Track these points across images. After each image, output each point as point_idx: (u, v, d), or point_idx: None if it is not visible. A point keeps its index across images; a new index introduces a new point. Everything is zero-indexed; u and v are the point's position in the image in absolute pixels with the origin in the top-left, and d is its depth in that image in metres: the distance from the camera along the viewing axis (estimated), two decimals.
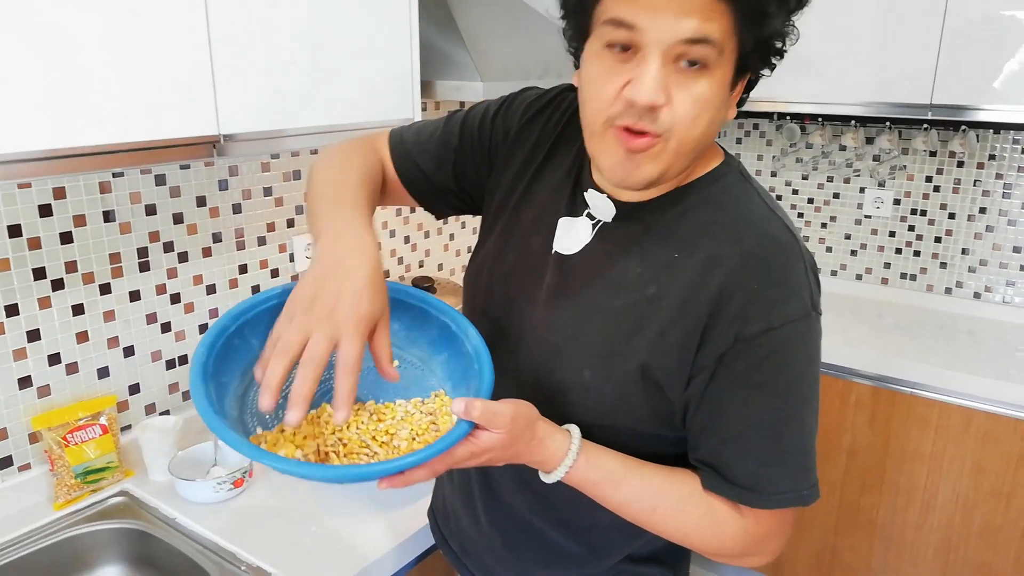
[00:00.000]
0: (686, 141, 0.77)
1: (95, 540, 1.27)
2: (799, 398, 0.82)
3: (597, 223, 0.89)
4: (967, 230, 2.43)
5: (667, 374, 0.83)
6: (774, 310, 0.79)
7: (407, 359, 0.92)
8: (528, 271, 0.94)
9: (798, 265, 0.81)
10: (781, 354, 0.80)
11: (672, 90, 0.74)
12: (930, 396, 2.03)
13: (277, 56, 1.20)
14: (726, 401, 0.82)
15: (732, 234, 0.82)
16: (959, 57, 2.03)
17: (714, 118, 0.77)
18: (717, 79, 0.75)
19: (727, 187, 0.85)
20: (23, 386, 1.31)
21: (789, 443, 0.83)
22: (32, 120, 0.94)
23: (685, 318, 0.81)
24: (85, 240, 1.35)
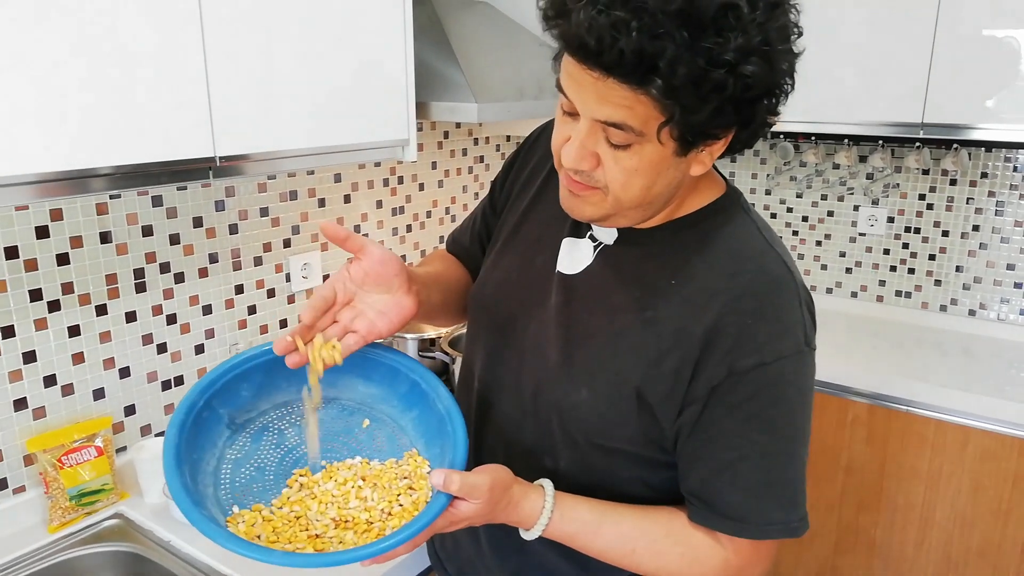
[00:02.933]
0: (623, 201, 0.79)
1: (90, 563, 1.26)
2: (790, 432, 0.84)
3: (599, 245, 0.91)
4: (961, 248, 2.44)
5: (659, 399, 0.84)
6: (767, 346, 0.80)
7: (378, 416, 0.92)
8: (531, 289, 0.95)
9: (793, 302, 0.82)
10: (774, 389, 0.81)
11: (602, 156, 0.77)
12: (926, 414, 2.03)
13: (273, 78, 1.21)
14: (718, 432, 0.83)
15: (728, 267, 0.83)
16: (950, 76, 2.05)
17: (656, 182, 0.78)
18: (647, 153, 0.75)
19: (727, 220, 0.87)
20: (18, 408, 1.31)
21: (779, 475, 0.84)
22: (29, 143, 0.94)
23: (679, 347, 0.82)
24: (82, 261, 1.35)
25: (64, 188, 0.99)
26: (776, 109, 0.77)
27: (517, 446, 0.96)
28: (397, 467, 0.87)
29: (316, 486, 0.85)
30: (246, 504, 0.82)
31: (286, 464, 0.87)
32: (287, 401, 0.90)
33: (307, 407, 0.88)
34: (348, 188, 1.80)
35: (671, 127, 0.72)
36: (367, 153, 1.43)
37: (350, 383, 0.91)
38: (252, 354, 0.87)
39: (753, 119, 0.75)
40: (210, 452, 0.84)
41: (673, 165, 0.78)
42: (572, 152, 0.77)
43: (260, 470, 0.86)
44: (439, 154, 2.03)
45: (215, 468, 0.83)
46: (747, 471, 0.83)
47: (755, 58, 0.69)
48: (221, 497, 0.81)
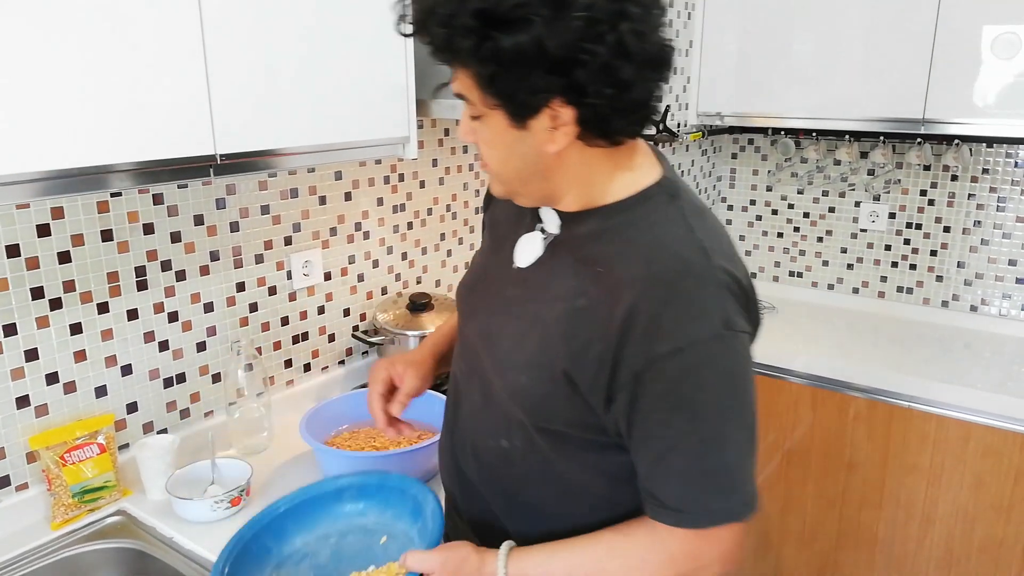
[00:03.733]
0: (499, 172, 0.90)
1: (93, 560, 1.27)
2: (718, 417, 0.84)
3: (548, 237, 0.95)
4: (962, 243, 2.44)
5: (587, 385, 0.87)
6: (679, 332, 0.81)
7: (394, 534, 1.11)
8: (491, 285, 1.02)
9: (706, 286, 0.83)
10: (693, 374, 0.82)
11: (477, 134, 0.88)
12: (928, 410, 2.04)
13: (273, 75, 1.21)
14: (647, 423, 0.85)
15: (644, 256, 0.85)
16: (951, 71, 2.05)
17: (510, 154, 0.86)
18: (491, 124, 0.84)
19: (652, 209, 0.89)
20: (21, 405, 1.31)
21: (713, 462, 0.85)
22: (30, 141, 0.95)
23: (602, 334, 0.85)
24: (83, 259, 1.35)
25: (65, 186, 1.00)
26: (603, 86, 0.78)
27: (480, 431, 1.03)
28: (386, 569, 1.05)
29: None
30: None
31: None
32: (326, 533, 1.14)
33: None
34: (349, 186, 1.81)
35: (486, 95, 0.81)
36: (368, 150, 1.43)
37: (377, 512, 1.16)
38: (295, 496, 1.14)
39: (571, 91, 0.78)
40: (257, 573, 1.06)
41: (518, 138, 0.84)
42: (460, 126, 0.90)
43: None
44: (440, 151, 2.03)
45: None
46: (679, 460, 0.84)
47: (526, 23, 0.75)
48: None
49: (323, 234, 1.77)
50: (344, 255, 1.83)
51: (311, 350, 1.80)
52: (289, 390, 1.76)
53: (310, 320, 1.78)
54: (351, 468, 1.34)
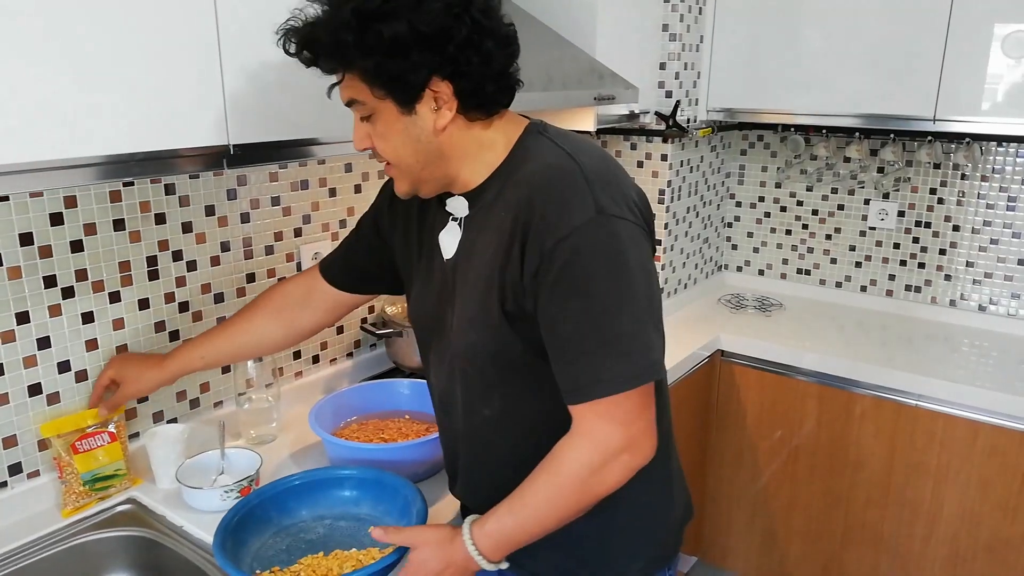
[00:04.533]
0: (400, 163, 1.00)
1: (102, 547, 1.28)
2: (609, 292, 0.91)
3: (459, 220, 1.06)
4: (971, 242, 2.43)
5: (518, 309, 0.97)
6: (559, 223, 0.91)
7: (381, 525, 1.18)
8: (437, 287, 1.10)
9: (575, 180, 0.94)
10: (577, 258, 0.91)
11: (372, 136, 0.99)
12: (935, 408, 2.03)
13: (286, 67, 1.21)
14: (549, 316, 0.94)
15: (527, 181, 0.97)
16: (963, 69, 2.04)
17: (408, 139, 0.97)
18: (384, 117, 0.96)
19: (526, 147, 1.01)
20: (33, 393, 1.32)
21: (606, 334, 0.91)
22: (44, 130, 0.95)
23: (510, 259, 0.95)
24: (95, 248, 1.36)
25: (82, 175, 1.00)
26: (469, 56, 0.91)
27: (467, 416, 1.10)
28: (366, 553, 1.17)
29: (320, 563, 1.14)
30: (267, 568, 1.14)
31: (303, 549, 1.20)
32: (322, 515, 1.27)
33: None
34: (359, 178, 1.81)
35: (374, 87, 0.92)
36: None
37: (370, 505, 1.28)
38: (302, 476, 1.29)
39: (445, 66, 0.91)
40: (256, 537, 1.20)
41: (410, 123, 0.96)
42: (354, 137, 1.01)
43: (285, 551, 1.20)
44: None
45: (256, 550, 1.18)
46: (577, 340, 0.92)
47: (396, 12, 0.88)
48: (252, 564, 1.15)
49: (333, 226, 1.77)
50: None
51: (320, 342, 1.80)
52: (298, 381, 1.77)
53: None
54: (359, 459, 1.35)
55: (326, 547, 1.19)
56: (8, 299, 1.26)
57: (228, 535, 1.13)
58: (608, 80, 1.82)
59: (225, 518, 1.15)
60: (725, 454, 2.43)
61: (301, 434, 1.58)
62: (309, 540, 1.22)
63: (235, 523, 1.16)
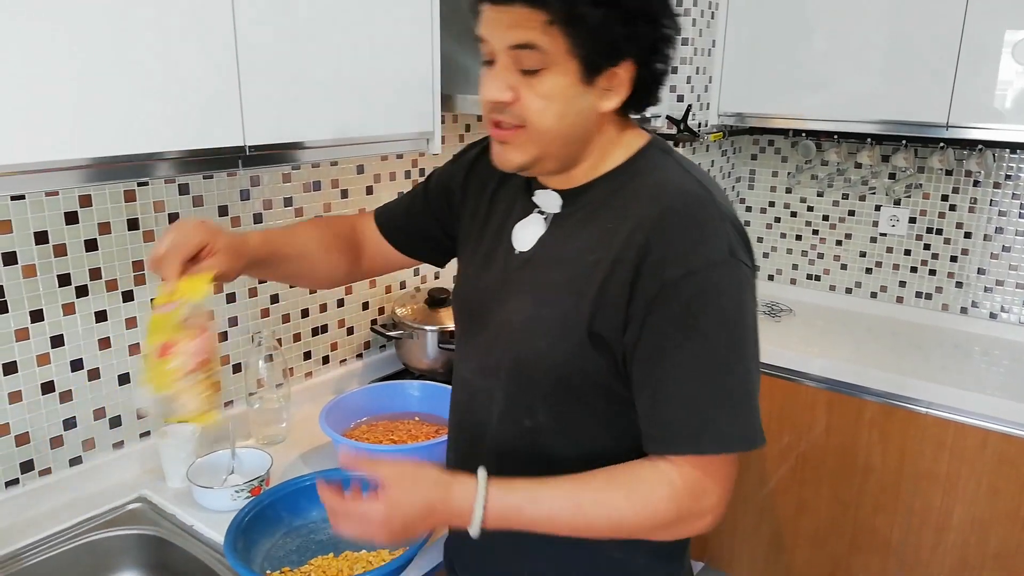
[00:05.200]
0: (545, 131, 0.87)
1: (113, 546, 1.28)
2: (726, 342, 0.84)
3: (548, 216, 0.98)
4: (983, 250, 2.42)
5: (607, 330, 0.88)
6: (692, 254, 0.84)
7: None
8: (495, 277, 1.02)
9: (712, 215, 0.87)
10: (705, 296, 0.84)
11: (520, 89, 0.86)
12: (945, 416, 2.02)
13: (301, 68, 1.22)
14: (655, 349, 0.85)
15: (653, 196, 0.89)
16: (977, 76, 2.03)
17: (569, 109, 0.86)
18: (556, 77, 0.84)
19: (649, 160, 0.94)
20: (46, 391, 1.32)
21: (718, 386, 0.84)
22: (61, 130, 0.96)
23: (617, 275, 0.87)
24: (109, 248, 1.36)
25: (99, 175, 1.00)
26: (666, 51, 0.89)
27: (502, 420, 1.00)
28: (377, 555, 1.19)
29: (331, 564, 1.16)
30: (277, 568, 1.16)
31: (313, 550, 1.21)
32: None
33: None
34: (370, 180, 1.81)
35: (572, 42, 0.82)
36: (392, 145, 1.44)
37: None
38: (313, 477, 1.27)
39: (646, 50, 0.86)
40: (267, 538, 1.20)
41: (580, 94, 0.86)
42: (489, 85, 0.87)
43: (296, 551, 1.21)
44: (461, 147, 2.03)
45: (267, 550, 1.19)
46: (686, 383, 0.84)
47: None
48: (263, 564, 1.16)
49: None
50: None
51: (330, 343, 1.81)
52: (308, 382, 1.77)
53: (329, 313, 1.79)
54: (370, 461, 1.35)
55: (336, 548, 1.20)
56: (23, 297, 1.27)
57: (239, 535, 1.13)
58: None
59: (236, 518, 1.15)
60: None
61: (311, 435, 1.59)
62: (319, 541, 1.22)
63: (246, 523, 1.16)
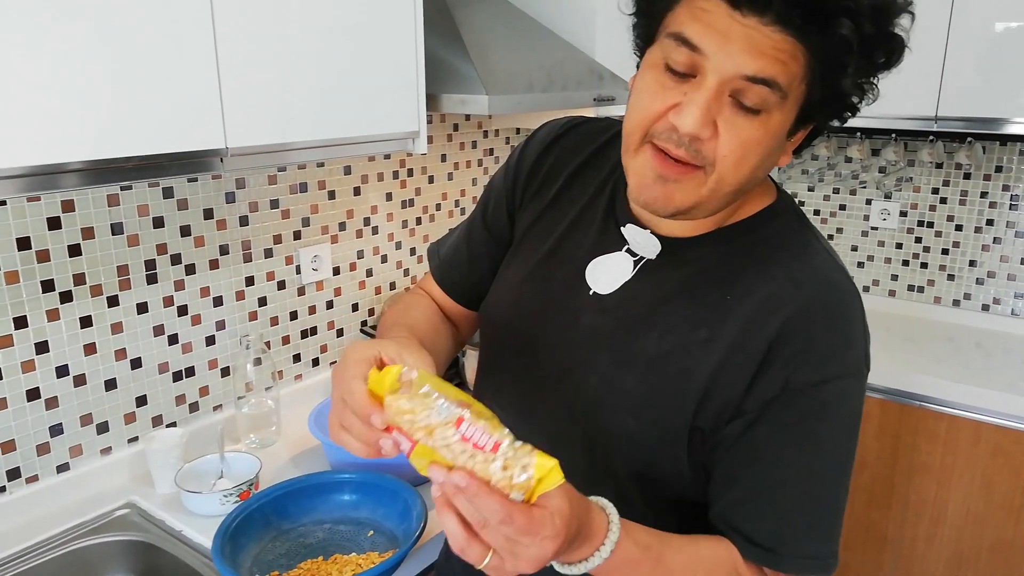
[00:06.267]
0: (726, 181, 0.72)
1: (101, 552, 1.27)
2: (837, 459, 0.77)
3: (639, 260, 0.83)
4: (974, 242, 2.42)
5: (712, 423, 0.77)
6: (830, 361, 0.74)
7: (381, 530, 1.25)
8: (555, 309, 0.86)
9: (858, 318, 0.77)
10: (828, 410, 0.75)
11: (721, 125, 0.69)
12: (939, 409, 2.02)
13: (283, 69, 1.21)
14: (761, 451, 0.75)
15: (792, 277, 0.76)
16: (965, 68, 2.03)
17: (763, 163, 0.72)
18: (773, 124, 0.70)
19: (783, 228, 0.80)
20: (31, 398, 1.31)
21: (819, 504, 0.77)
22: (42, 134, 0.95)
23: (736, 362, 0.75)
24: (93, 253, 1.35)
25: (75, 179, 0.99)
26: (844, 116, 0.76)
27: None
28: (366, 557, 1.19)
29: (320, 567, 1.15)
30: (266, 572, 1.15)
31: (303, 554, 1.20)
32: (321, 519, 1.26)
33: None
34: (358, 180, 1.80)
35: (814, 89, 0.69)
36: (377, 145, 1.43)
37: (370, 508, 1.28)
38: (300, 480, 1.27)
39: (844, 110, 0.74)
40: (256, 542, 1.18)
41: (778, 147, 0.73)
42: (695, 115, 0.68)
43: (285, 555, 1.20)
44: (449, 147, 2.02)
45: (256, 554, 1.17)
46: (785, 496, 0.76)
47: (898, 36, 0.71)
48: (251, 568, 1.15)
49: (332, 229, 1.77)
50: (353, 250, 1.83)
51: (319, 345, 1.80)
52: (298, 384, 1.76)
53: (319, 315, 1.78)
54: (358, 463, 1.35)
55: (326, 551, 1.19)
56: (6, 304, 1.26)
57: (227, 540, 1.12)
58: (608, 81, 1.81)
59: (224, 522, 1.15)
60: None
61: (301, 438, 1.58)
62: (309, 544, 1.21)
63: (234, 527, 1.15)
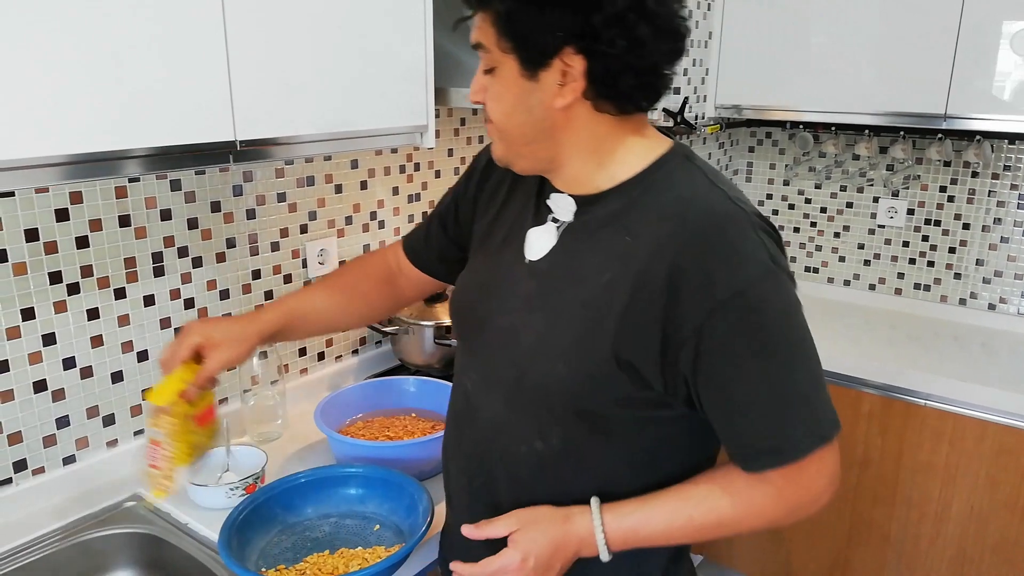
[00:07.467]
0: (504, 128, 0.90)
1: (107, 544, 1.27)
2: (786, 350, 0.85)
3: (561, 225, 0.95)
4: (981, 241, 2.42)
5: (639, 355, 0.86)
6: (735, 276, 0.82)
7: (387, 524, 1.25)
8: (501, 284, 0.99)
9: (746, 231, 0.85)
10: (756, 314, 0.83)
11: (488, 91, 0.90)
12: (944, 408, 2.02)
13: (292, 62, 1.20)
14: (719, 373, 0.84)
15: (677, 213, 0.86)
16: (974, 67, 2.02)
17: (516, 106, 0.88)
18: (504, 76, 0.87)
19: (670, 172, 0.90)
20: (38, 389, 1.31)
21: (791, 394, 0.85)
22: (52, 125, 0.94)
23: (644, 298, 0.84)
24: (101, 244, 1.35)
25: (86, 171, 0.99)
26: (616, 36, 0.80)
27: (507, 440, 0.98)
28: (372, 551, 1.18)
29: (326, 561, 1.15)
30: (272, 566, 1.15)
31: (309, 547, 1.20)
32: (328, 513, 1.26)
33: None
34: (365, 174, 1.80)
35: (501, 37, 0.84)
36: (385, 139, 1.42)
37: (376, 503, 1.28)
38: (308, 474, 1.28)
39: (582, 38, 0.81)
40: (262, 535, 1.19)
41: (527, 90, 0.86)
42: (471, 88, 0.92)
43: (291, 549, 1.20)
44: (456, 141, 2.02)
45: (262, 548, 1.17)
46: (757, 400, 0.84)
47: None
48: (258, 562, 1.15)
49: (339, 223, 1.77)
50: (359, 244, 1.82)
51: (325, 339, 1.80)
52: (303, 378, 1.76)
53: None
54: (364, 457, 1.35)
55: (332, 545, 1.19)
56: (13, 295, 1.26)
57: (233, 533, 1.12)
58: None
59: (230, 516, 1.15)
60: None
61: (306, 431, 1.58)
62: (315, 538, 1.21)
63: (240, 521, 1.15)
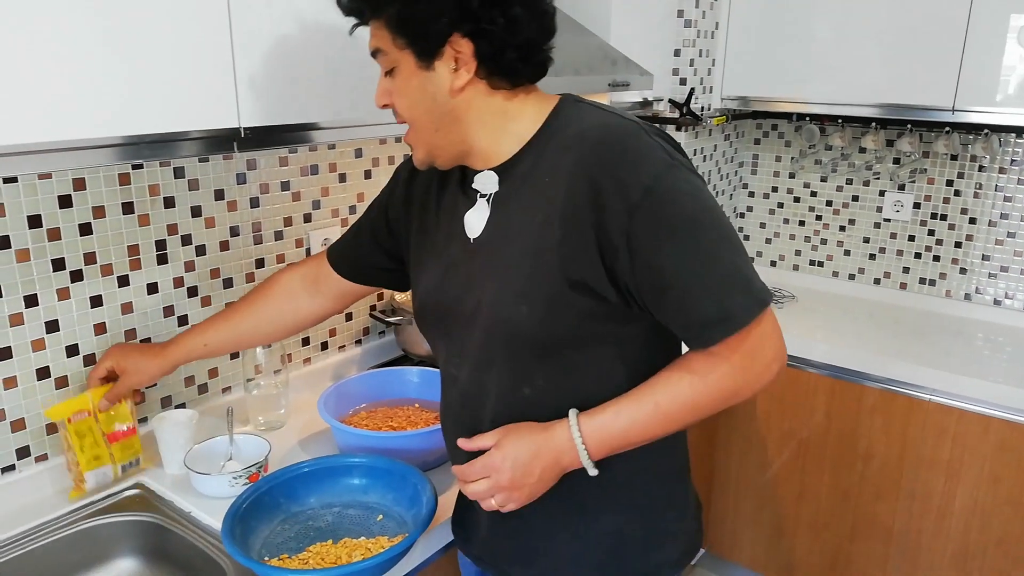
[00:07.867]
0: (417, 122, 0.98)
1: (110, 532, 1.27)
2: (706, 229, 0.92)
3: (489, 197, 1.01)
4: (988, 235, 2.40)
5: (584, 272, 0.93)
6: (638, 175, 0.90)
7: (390, 515, 1.24)
8: (459, 272, 1.05)
9: (641, 136, 0.93)
10: (669, 204, 0.90)
11: (392, 92, 0.97)
12: (947, 403, 2.01)
13: (297, 49, 1.19)
14: (653, 265, 0.91)
15: (579, 141, 0.94)
16: (982, 60, 2.01)
17: (420, 97, 0.95)
18: (404, 73, 0.94)
19: (567, 116, 0.99)
20: (41, 376, 1.31)
21: (721, 269, 0.91)
22: (56, 111, 0.94)
23: (574, 221, 0.92)
24: (104, 232, 1.35)
25: (88, 157, 0.99)
26: (494, 15, 0.89)
27: (496, 397, 1.03)
28: (375, 541, 1.18)
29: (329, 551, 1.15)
30: (275, 555, 1.15)
31: (312, 537, 1.20)
32: (331, 502, 1.26)
33: None
34: (369, 163, 1.79)
35: (395, 36, 0.92)
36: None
37: (380, 493, 1.27)
38: (312, 464, 1.28)
39: (464, 22, 0.89)
40: (265, 524, 1.19)
41: (426, 80, 0.94)
42: (376, 94, 0.99)
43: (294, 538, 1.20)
44: None
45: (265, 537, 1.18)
46: (695, 281, 0.90)
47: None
48: (260, 551, 1.15)
49: (342, 212, 1.76)
50: None
51: (328, 329, 1.80)
52: (306, 368, 1.76)
53: None
54: (368, 447, 1.35)
55: (335, 535, 1.19)
56: (16, 282, 1.25)
57: (237, 522, 1.12)
58: (622, 66, 1.79)
59: (234, 504, 1.15)
60: (733, 445, 2.42)
61: (309, 421, 1.58)
62: (318, 528, 1.21)
63: (244, 510, 1.15)
